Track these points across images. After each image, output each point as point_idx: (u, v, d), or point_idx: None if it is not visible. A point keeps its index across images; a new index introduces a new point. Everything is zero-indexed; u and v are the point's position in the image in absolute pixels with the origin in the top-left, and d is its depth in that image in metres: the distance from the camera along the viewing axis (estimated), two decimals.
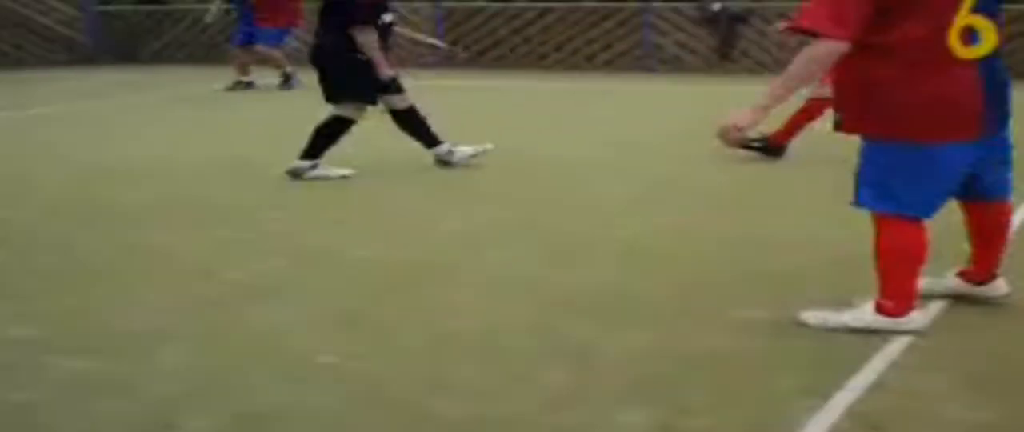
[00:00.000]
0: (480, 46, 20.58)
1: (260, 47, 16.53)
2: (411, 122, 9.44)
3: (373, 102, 9.24)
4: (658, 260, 6.47)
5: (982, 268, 5.31)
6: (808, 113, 9.30)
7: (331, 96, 9.16)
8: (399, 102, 9.32)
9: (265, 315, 5.53)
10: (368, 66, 8.96)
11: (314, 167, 9.07)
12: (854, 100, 4.86)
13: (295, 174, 9.05)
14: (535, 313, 5.48)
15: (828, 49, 4.65)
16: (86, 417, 4.29)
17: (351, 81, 9.07)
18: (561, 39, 20.09)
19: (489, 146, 9.66)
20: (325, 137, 9.12)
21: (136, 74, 20.07)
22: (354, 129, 9.20)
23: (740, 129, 4.90)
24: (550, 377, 4.57)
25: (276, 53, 16.69)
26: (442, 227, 7.46)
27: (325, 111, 9.13)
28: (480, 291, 5.91)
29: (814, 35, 4.69)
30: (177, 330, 5.29)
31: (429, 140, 9.51)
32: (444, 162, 9.50)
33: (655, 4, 19.49)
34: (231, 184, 9.06)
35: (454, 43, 19.50)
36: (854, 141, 5.00)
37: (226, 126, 9.10)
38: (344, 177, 9.10)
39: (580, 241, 6.98)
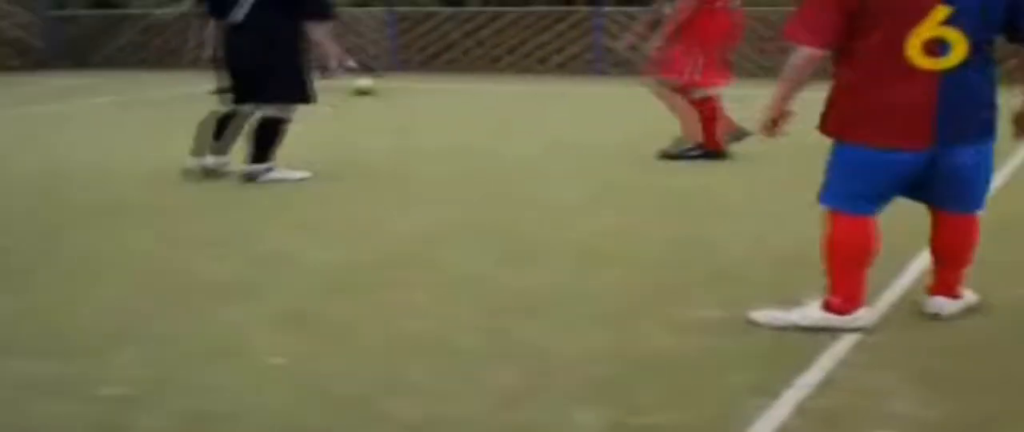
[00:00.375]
0: (434, 49, 20.60)
1: None
2: (274, 133, 9.10)
3: (307, 100, 9.08)
4: (610, 261, 6.50)
5: (933, 278, 5.36)
6: (706, 114, 9.87)
7: (260, 96, 8.95)
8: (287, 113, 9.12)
9: (219, 316, 5.52)
10: (304, 63, 8.92)
11: (270, 170, 9.04)
12: (828, 101, 5.02)
13: (250, 177, 9.02)
14: (489, 314, 5.50)
15: (803, 55, 4.88)
16: (36, 418, 4.27)
17: (287, 79, 8.92)
18: (513, 42, 20.15)
19: (308, 174, 9.28)
20: (266, 140, 9.04)
21: (90, 78, 19.99)
22: (304, 131, 9.18)
23: (775, 125, 5.10)
24: (503, 377, 4.58)
25: None
26: (397, 228, 7.48)
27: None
28: (434, 292, 5.91)
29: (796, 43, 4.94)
30: (131, 331, 5.27)
31: (261, 157, 9.13)
32: (252, 178, 9.10)
33: (606, 8, 19.57)
34: (188, 187, 8.99)
35: (407, 46, 19.54)
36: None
37: (183, 129, 9.11)
38: (302, 179, 9.08)
39: (533, 242, 7.01)
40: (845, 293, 5.00)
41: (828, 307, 5.01)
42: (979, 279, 5.41)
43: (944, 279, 5.27)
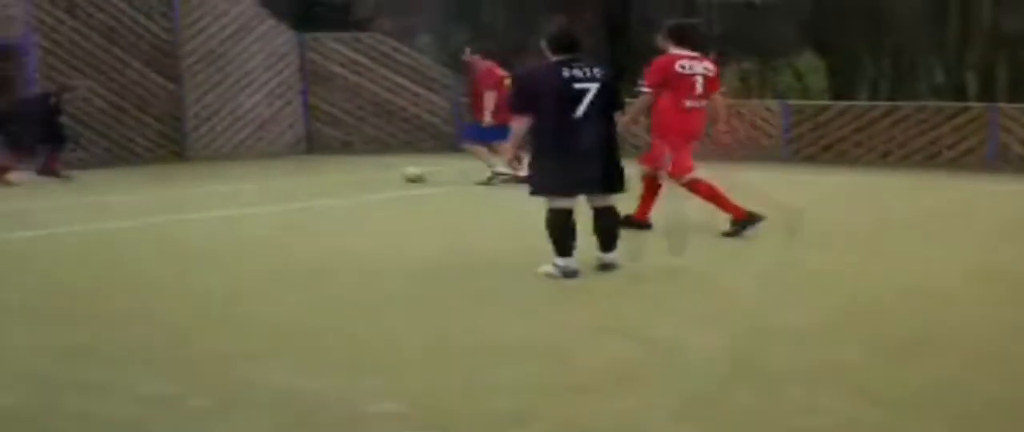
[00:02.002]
0: (825, 141, 20.59)
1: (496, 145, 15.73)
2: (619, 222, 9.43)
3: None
4: (1004, 359, 6.45)
5: None
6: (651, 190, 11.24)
7: (609, 188, 9.11)
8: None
9: (616, 405, 5.63)
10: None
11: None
12: None
13: (610, 266, 9.16)
14: (885, 411, 5.51)
15: None
16: None
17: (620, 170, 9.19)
18: (904, 137, 19.91)
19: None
20: (617, 227, 9.30)
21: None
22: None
23: None
24: None
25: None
26: (774, 317, 7.55)
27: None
28: (836, 388, 5.86)
29: None
30: (532, 413, 5.49)
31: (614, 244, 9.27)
32: (611, 266, 9.17)
33: (1004, 105, 19.19)
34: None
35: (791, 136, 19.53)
36: None
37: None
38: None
39: (914, 329, 7.10)
40: None
41: None
42: None
43: None
